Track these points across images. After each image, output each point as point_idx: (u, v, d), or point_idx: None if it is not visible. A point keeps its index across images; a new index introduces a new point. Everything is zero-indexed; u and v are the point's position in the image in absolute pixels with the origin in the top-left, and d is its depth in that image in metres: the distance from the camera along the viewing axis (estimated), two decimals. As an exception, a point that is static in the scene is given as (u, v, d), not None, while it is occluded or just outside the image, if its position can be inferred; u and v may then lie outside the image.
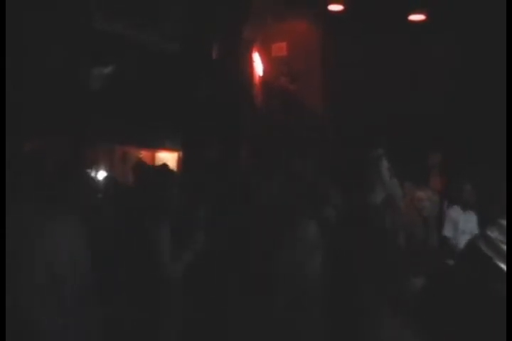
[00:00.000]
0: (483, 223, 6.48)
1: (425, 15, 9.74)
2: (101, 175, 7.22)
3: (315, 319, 2.97)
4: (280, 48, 10.43)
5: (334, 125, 9.53)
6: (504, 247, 2.48)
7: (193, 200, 5.24)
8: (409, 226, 5.09)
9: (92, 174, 7.28)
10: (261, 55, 9.97)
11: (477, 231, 6.43)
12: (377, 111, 9.30)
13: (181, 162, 8.88)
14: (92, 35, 7.30)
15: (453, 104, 9.26)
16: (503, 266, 2.28)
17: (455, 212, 6.86)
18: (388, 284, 2.73)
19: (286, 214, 3.57)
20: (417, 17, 9.82)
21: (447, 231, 6.73)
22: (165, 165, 4.77)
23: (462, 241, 6.29)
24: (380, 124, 8.85)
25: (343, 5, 9.93)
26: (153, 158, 8.85)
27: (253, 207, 4.24)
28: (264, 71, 10.06)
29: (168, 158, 9.01)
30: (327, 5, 9.99)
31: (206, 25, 8.72)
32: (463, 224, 6.74)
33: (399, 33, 9.51)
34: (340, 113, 9.57)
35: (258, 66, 9.91)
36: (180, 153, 8.91)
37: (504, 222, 2.69)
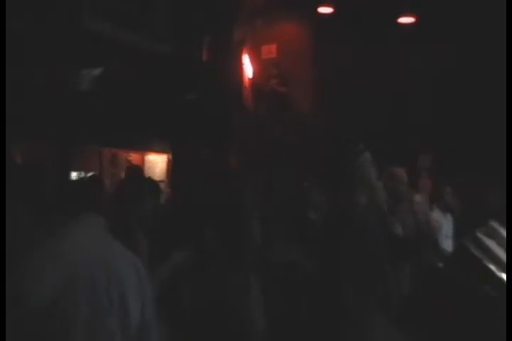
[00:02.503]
0: (469, 226, 6.48)
1: (415, 17, 9.76)
2: (89, 177, 7.18)
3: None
4: (270, 50, 10.43)
5: (325, 127, 9.53)
6: (493, 248, 2.47)
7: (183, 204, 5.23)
8: (404, 229, 5.10)
9: (81, 176, 7.25)
10: (251, 58, 9.96)
11: (460, 235, 6.45)
12: (368, 113, 9.32)
13: (171, 164, 8.85)
14: (81, 35, 7.28)
15: (444, 106, 9.29)
16: (492, 267, 2.28)
17: (438, 216, 6.88)
18: (376, 285, 2.73)
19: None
20: (406, 19, 9.84)
21: (433, 236, 6.73)
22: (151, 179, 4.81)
23: (446, 245, 6.31)
24: (371, 126, 8.87)
25: (333, 7, 9.94)
26: (142, 161, 8.81)
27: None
28: (254, 73, 10.06)
29: (158, 160, 8.98)
30: (317, 7, 10.00)
31: (196, 27, 8.71)
32: (446, 228, 6.77)
33: (388, 34, 9.52)
34: (330, 115, 9.57)
35: (248, 68, 9.90)
36: (170, 155, 8.89)
37: (494, 224, 2.69)
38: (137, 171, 6.69)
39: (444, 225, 6.76)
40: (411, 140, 8.87)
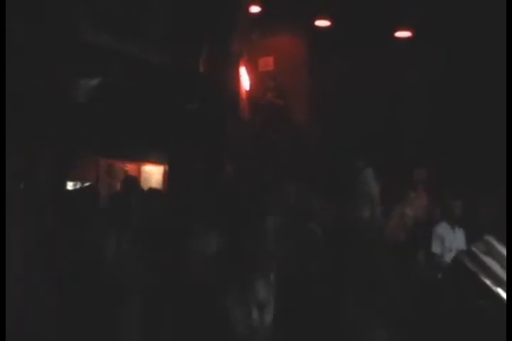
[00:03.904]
0: (468, 239, 6.48)
1: (412, 31, 9.82)
2: (85, 187, 7.18)
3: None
4: (267, 63, 10.46)
5: (321, 139, 9.56)
6: (489, 262, 2.48)
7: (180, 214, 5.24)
8: (397, 243, 5.09)
9: (77, 186, 7.25)
10: (248, 70, 9.99)
11: (463, 248, 6.44)
12: (364, 126, 9.35)
13: (167, 175, 8.85)
14: (79, 46, 7.29)
15: (439, 118, 9.32)
16: (488, 281, 2.29)
17: (441, 229, 6.87)
18: (375, 297, 2.74)
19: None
20: (403, 33, 9.90)
21: (435, 249, 6.72)
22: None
23: (449, 259, 6.27)
24: (368, 138, 8.90)
25: (330, 20, 9.99)
26: (138, 171, 8.82)
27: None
28: (251, 85, 10.08)
29: (154, 170, 8.99)
30: (314, 20, 10.05)
31: (194, 39, 8.74)
32: (449, 241, 6.75)
33: (385, 48, 9.57)
34: (327, 127, 9.60)
35: (245, 80, 9.93)
36: (166, 166, 8.89)
37: (489, 238, 2.69)
38: (133, 182, 6.71)
39: (448, 238, 6.75)
40: (407, 152, 8.90)
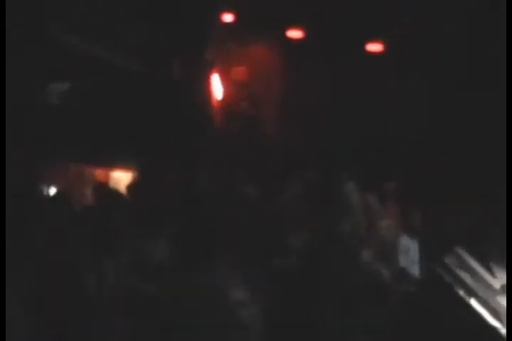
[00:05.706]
0: (437, 252, 6.56)
1: (383, 44, 9.92)
2: (55, 193, 7.14)
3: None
4: (240, 72, 10.49)
5: (293, 149, 9.59)
6: (460, 274, 2.53)
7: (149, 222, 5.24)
8: (374, 256, 5.14)
9: (47, 192, 7.20)
10: (221, 79, 10.02)
11: (428, 260, 6.53)
12: (339, 136, 9.41)
13: (136, 183, 8.80)
14: (49, 49, 7.26)
15: (419, 127, 9.41)
16: (461, 292, 2.34)
17: (405, 241, 6.95)
18: (354, 311, 2.77)
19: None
20: (375, 46, 9.99)
21: (402, 261, 6.79)
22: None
23: (414, 270, 6.36)
24: (342, 149, 8.96)
25: (302, 31, 10.07)
26: (108, 177, 8.76)
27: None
28: (224, 95, 10.10)
29: (123, 177, 8.93)
30: (286, 31, 10.12)
31: (168, 45, 8.76)
32: (413, 253, 6.83)
33: (357, 59, 9.67)
34: (299, 138, 9.64)
35: (218, 89, 9.95)
36: (136, 173, 8.84)
37: (460, 251, 2.75)
38: (103, 188, 6.69)
39: (412, 250, 6.83)
40: (382, 164, 8.96)
